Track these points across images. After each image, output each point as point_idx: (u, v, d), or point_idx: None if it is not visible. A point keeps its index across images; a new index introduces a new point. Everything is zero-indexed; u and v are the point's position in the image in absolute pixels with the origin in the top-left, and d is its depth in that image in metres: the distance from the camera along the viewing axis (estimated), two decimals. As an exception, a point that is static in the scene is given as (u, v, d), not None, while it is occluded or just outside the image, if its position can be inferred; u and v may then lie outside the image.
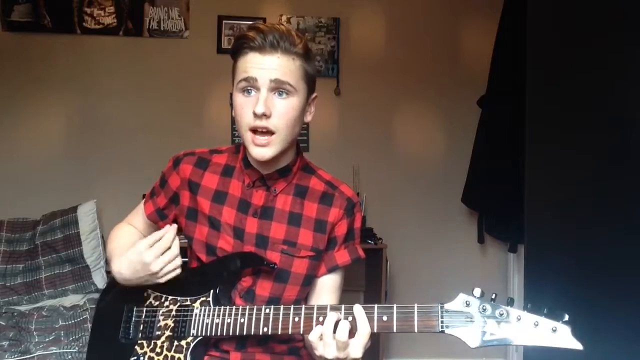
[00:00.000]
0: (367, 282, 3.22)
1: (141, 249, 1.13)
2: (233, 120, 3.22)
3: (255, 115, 1.11)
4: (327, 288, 1.26)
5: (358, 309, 1.02)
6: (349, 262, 1.26)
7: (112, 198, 3.07)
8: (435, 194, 3.37)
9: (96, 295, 2.71)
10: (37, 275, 2.78)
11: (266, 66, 1.11)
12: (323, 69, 3.32)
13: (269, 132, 1.13)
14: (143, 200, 1.39)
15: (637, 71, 1.37)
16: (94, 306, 2.52)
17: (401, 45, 3.39)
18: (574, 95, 1.66)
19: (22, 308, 2.60)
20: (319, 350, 1.02)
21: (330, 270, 1.25)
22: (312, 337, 1.03)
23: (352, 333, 1.01)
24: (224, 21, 3.29)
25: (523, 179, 1.94)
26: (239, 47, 1.15)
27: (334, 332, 1.01)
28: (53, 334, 2.36)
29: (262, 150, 1.14)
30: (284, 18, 3.32)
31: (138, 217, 1.39)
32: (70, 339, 2.34)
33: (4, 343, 2.28)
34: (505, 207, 3.02)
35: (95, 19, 3.23)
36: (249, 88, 1.13)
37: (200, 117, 3.27)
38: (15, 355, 2.23)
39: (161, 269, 1.12)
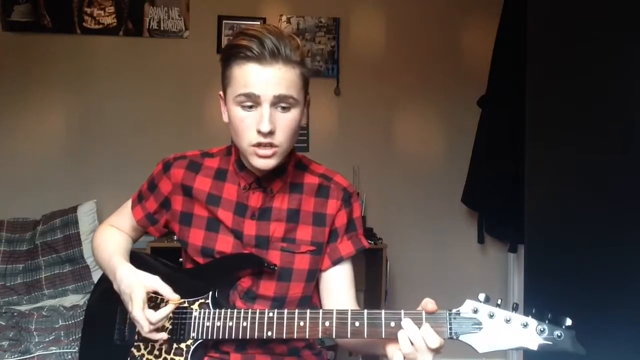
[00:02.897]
0: (367, 282, 3.22)
1: (141, 290, 1.11)
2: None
3: (260, 132, 1.09)
4: (339, 283, 1.24)
5: (407, 323, 0.98)
6: (353, 252, 1.25)
7: (112, 198, 3.04)
8: (435, 194, 3.37)
9: (96, 295, 2.71)
10: (37, 275, 2.78)
11: (268, 80, 1.07)
12: (323, 69, 3.32)
13: (272, 146, 1.11)
14: (127, 203, 1.35)
15: (637, 71, 1.37)
16: (94, 306, 2.52)
17: (401, 45, 3.39)
18: (573, 95, 1.66)
19: (22, 308, 2.60)
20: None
21: (335, 263, 1.24)
22: (405, 348, 0.96)
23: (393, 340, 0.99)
24: (224, 21, 3.29)
25: (523, 179, 1.94)
26: (234, 55, 1.09)
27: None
28: (53, 334, 2.36)
29: (266, 161, 1.12)
30: (284, 18, 3.32)
31: (124, 219, 1.35)
32: (70, 339, 2.34)
33: (4, 343, 2.28)
34: (505, 207, 3.02)
35: (95, 19, 3.23)
36: (249, 103, 1.10)
37: (200, 117, 3.27)
38: (15, 355, 2.23)
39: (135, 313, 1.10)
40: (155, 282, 1.12)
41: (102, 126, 3.24)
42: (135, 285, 1.11)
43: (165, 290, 1.11)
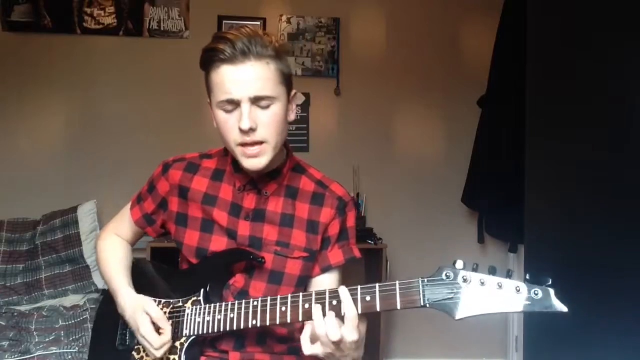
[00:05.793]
0: (367, 281, 3.21)
1: (145, 317, 1.18)
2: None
3: (242, 130, 1.10)
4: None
5: (344, 291, 1.01)
6: (342, 262, 1.25)
7: (112, 198, 3.06)
8: (435, 194, 3.37)
9: (96, 295, 2.72)
10: (37, 275, 2.78)
11: (242, 79, 1.09)
12: (323, 69, 3.32)
13: (258, 143, 1.13)
14: (127, 207, 1.37)
15: (636, 71, 1.37)
16: (94, 306, 2.52)
17: (401, 45, 3.39)
18: (573, 95, 1.66)
19: (22, 308, 2.60)
20: (317, 350, 1.01)
21: (324, 270, 1.24)
22: (304, 339, 1.02)
23: (340, 317, 1.00)
24: (224, 21, 3.29)
25: (523, 179, 1.94)
26: (209, 60, 1.13)
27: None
28: (53, 334, 2.36)
29: (254, 160, 1.13)
30: (284, 18, 3.32)
31: (124, 223, 1.37)
32: (70, 339, 2.34)
33: (4, 343, 2.28)
34: (505, 207, 3.02)
35: (95, 19, 3.23)
36: (230, 107, 1.12)
37: (200, 117, 3.26)
38: (15, 355, 2.23)
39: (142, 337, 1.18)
40: (151, 310, 1.18)
41: (102, 126, 3.24)
42: (139, 314, 1.19)
43: (161, 322, 1.17)
